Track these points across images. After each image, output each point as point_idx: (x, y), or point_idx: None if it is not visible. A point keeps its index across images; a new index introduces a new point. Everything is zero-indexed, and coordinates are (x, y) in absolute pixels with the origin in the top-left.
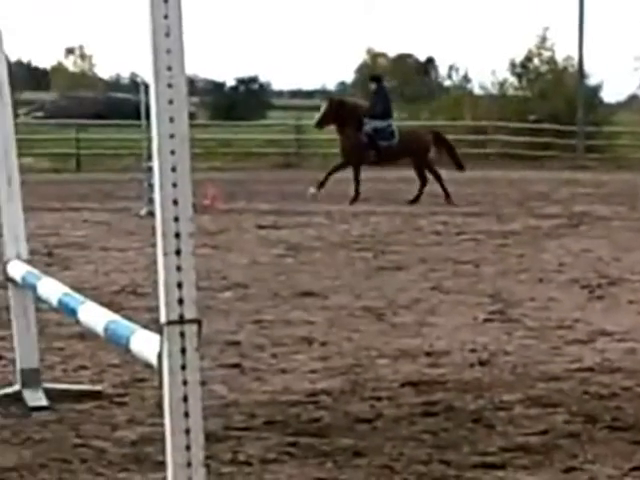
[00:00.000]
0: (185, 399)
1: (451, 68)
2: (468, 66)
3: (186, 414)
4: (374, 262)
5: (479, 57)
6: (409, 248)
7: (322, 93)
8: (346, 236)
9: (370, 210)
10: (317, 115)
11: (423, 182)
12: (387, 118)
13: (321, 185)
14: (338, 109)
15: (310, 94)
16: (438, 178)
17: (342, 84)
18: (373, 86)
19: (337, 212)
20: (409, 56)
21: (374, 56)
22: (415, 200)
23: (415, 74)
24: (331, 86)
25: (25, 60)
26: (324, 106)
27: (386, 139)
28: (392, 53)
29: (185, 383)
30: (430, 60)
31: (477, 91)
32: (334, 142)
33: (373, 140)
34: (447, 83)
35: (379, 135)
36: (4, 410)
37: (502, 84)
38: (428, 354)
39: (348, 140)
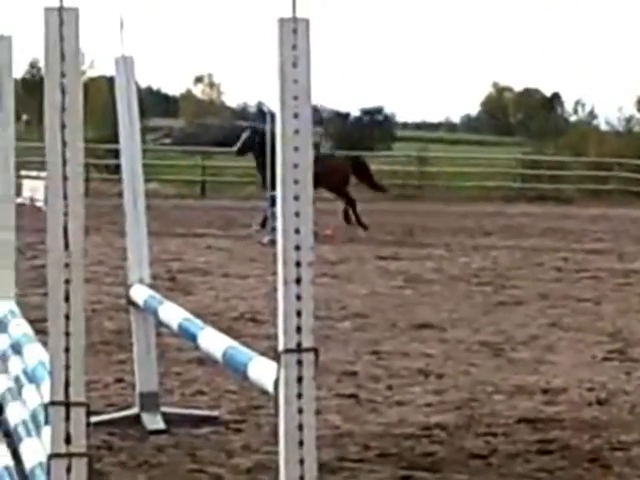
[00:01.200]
0: (300, 428)
1: (577, 103)
2: (594, 102)
3: (301, 443)
4: (493, 296)
5: (606, 93)
6: (529, 283)
7: (447, 125)
8: (466, 269)
9: (491, 244)
10: (238, 143)
11: (352, 204)
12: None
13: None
14: (256, 138)
15: (435, 126)
16: (353, 207)
17: (467, 117)
18: None
19: (457, 245)
20: (535, 91)
21: (500, 89)
22: (348, 220)
23: (541, 109)
24: (456, 119)
25: (155, 87)
26: (245, 134)
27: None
28: (518, 87)
29: (300, 412)
30: (556, 95)
31: (603, 127)
32: (458, 175)
33: None
34: (573, 118)
35: None
36: (122, 432)
37: (628, 120)
38: (545, 391)
39: (264, 170)
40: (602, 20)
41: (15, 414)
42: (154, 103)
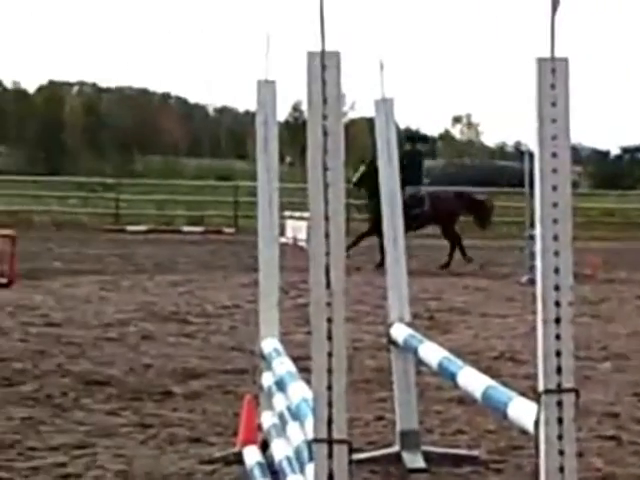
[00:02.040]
0: (561, 469)
1: None
2: None
3: None
4: None
5: None
6: None
7: None
8: None
9: None
10: (357, 174)
11: (453, 245)
12: (419, 184)
13: (347, 248)
14: (374, 172)
15: None
16: (459, 242)
17: None
18: (407, 147)
19: None
20: None
21: None
22: (447, 265)
23: None
24: None
25: (414, 127)
26: (363, 167)
27: (416, 206)
28: None
29: (561, 453)
30: None
31: None
32: None
33: (404, 208)
34: None
35: (410, 202)
36: (383, 470)
37: None
38: None
39: (378, 207)
40: None
41: (280, 450)
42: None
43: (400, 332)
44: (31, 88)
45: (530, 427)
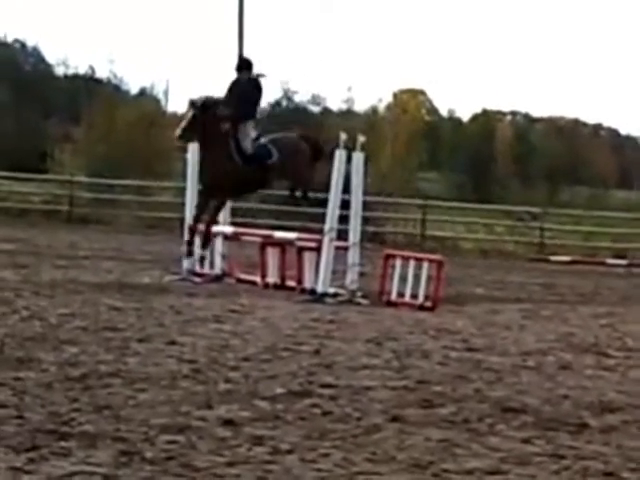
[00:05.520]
0: None
1: None
2: None
3: None
4: None
5: None
6: None
7: None
8: None
9: None
10: (181, 124)
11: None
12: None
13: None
14: (204, 115)
15: None
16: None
17: None
18: (242, 76)
19: None
20: None
21: None
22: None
23: None
24: None
25: None
26: (190, 112)
27: (263, 156)
28: None
29: None
30: None
31: None
32: None
33: (250, 160)
34: None
35: (255, 151)
36: None
37: None
38: None
39: (218, 161)
40: None
41: None
42: None
43: None
44: (465, 116)
45: None
